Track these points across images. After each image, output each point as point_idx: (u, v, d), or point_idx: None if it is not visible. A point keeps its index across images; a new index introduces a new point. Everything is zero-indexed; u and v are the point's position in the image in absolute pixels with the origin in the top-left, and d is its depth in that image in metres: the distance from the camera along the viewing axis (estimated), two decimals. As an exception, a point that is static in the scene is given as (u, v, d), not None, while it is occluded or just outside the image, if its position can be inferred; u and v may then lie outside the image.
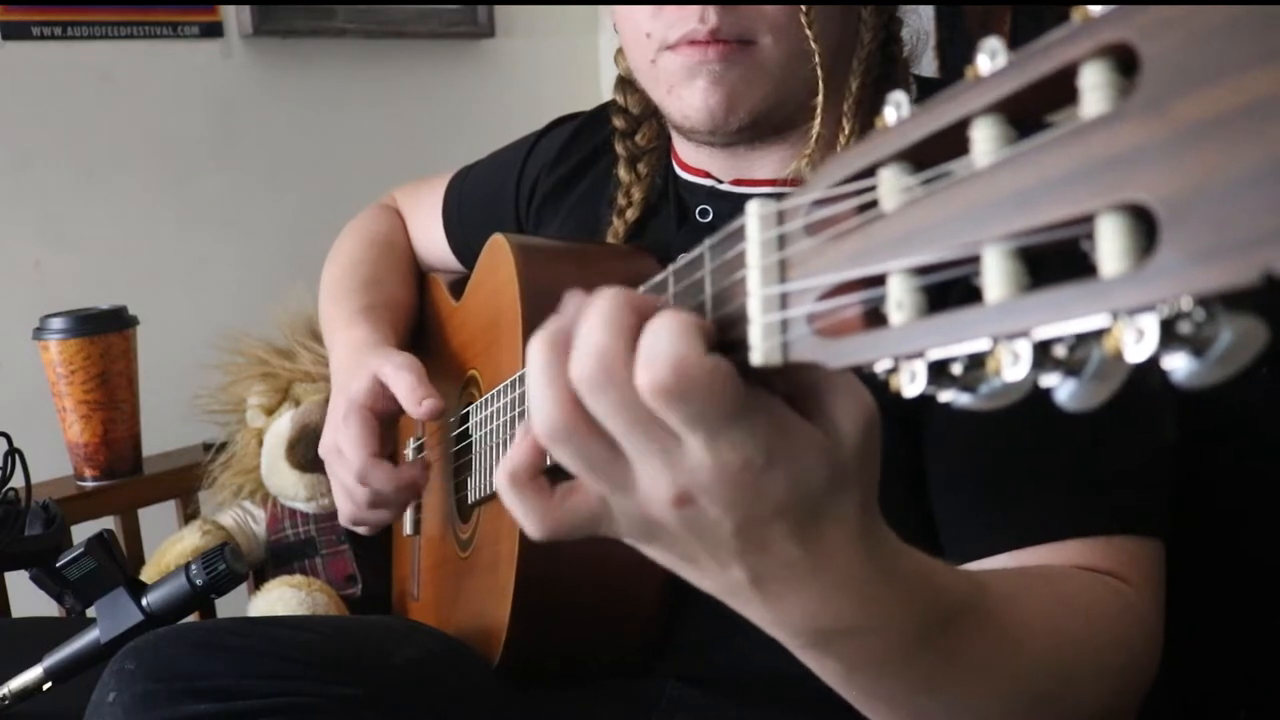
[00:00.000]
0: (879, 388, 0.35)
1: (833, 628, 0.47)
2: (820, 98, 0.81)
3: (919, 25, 0.93)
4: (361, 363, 0.99)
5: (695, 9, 0.79)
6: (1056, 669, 0.60)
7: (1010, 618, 0.57)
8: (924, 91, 0.87)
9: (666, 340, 0.39)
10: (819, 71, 0.80)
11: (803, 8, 0.79)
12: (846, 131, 0.84)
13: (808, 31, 0.79)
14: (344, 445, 0.93)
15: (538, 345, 0.44)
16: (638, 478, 0.43)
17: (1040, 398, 0.32)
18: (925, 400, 0.71)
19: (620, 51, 0.93)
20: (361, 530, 1.02)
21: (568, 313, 0.44)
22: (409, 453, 1.12)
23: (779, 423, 0.41)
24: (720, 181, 0.92)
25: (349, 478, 0.95)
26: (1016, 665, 0.57)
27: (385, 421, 0.96)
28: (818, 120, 0.81)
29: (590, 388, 0.41)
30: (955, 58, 1.77)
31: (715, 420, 0.40)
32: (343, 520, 1.01)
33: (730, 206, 0.90)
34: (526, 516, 0.47)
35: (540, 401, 0.43)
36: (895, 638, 0.49)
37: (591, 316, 0.42)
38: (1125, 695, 0.66)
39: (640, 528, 0.45)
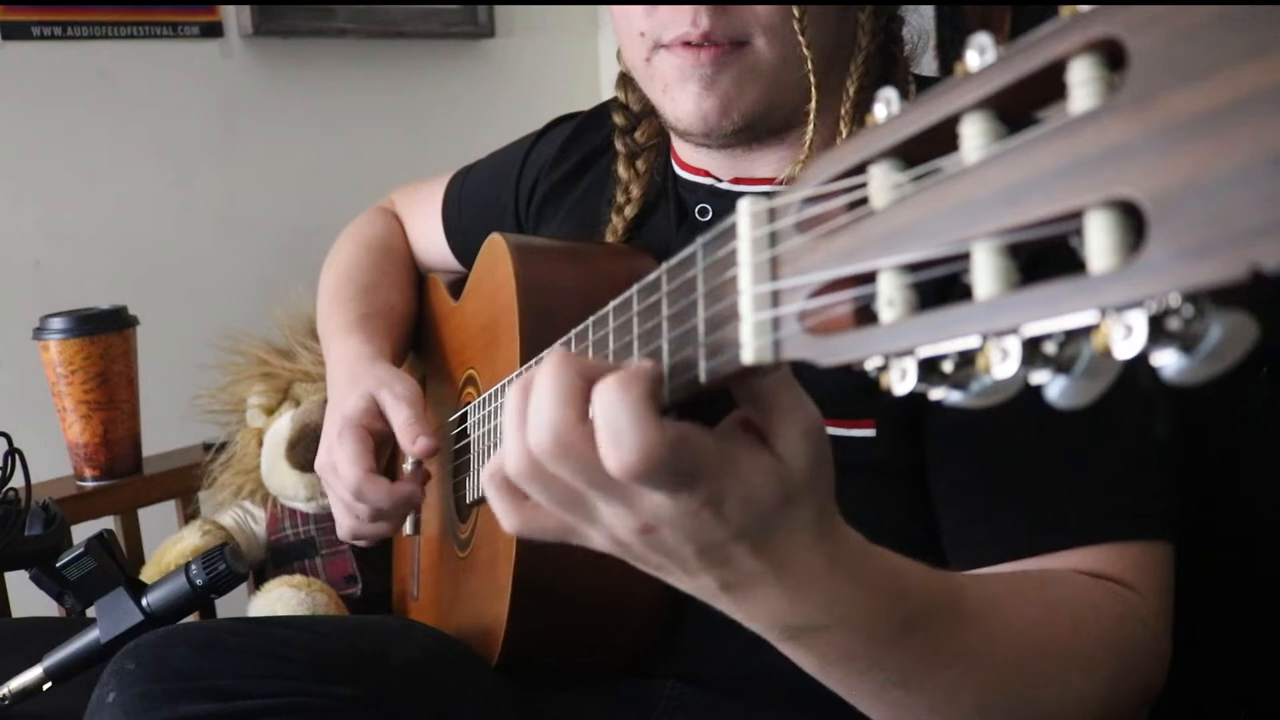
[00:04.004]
0: (884, 395, 0.35)
1: (802, 625, 0.50)
2: (814, 102, 0.81)
3: (919, 25, 0.92)
4: (358, 377, 0.98)
5: (688, 10, 0.79)
6: (1038, 672, 0.61)
7: (989, 622, 0.58)
8: (923, 91, 0.86)
9: (629, 423, 0.42)
10: (812, 76, 0.80)
11: (795, 11, 0.78)
12: (844, 135, 0.84)
13: (800, 36, 0.79)
14: (339, 462, 0.93)
15: (512, 393, 0.47)
16: (601, 514, 0.47)
17: (1041, 406, 0.32)
18: (928, 408, 0.72)
19: None
20: (360, 543, 1.02)
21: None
22: (408, 466, 1.12)
23: (730, 458, 0.44)
24: (720, 180, 0.91)
25: (346, 494, 0.95)
26: (993, 667, 0.58)
27: (380, 437, 0.96)
28: (811, 125, 0.81)
29: (547, 459, 0.45)
30: (955, 58, 1.77)
31: (675, 481, 0.43)
32: (341, 535, 1.00)
33: (730, 205, 0.89)
34: (503, 514, 0.51)
35: (509, 446, 0.47)
36: (863, 635, 0.51)
37: (540, 384, 0.45)
38: (1124, 700, 0.66)
39: (609, 546, 0.49)
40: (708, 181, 0.92)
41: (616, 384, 0.42)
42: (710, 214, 0.92)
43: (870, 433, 0.77)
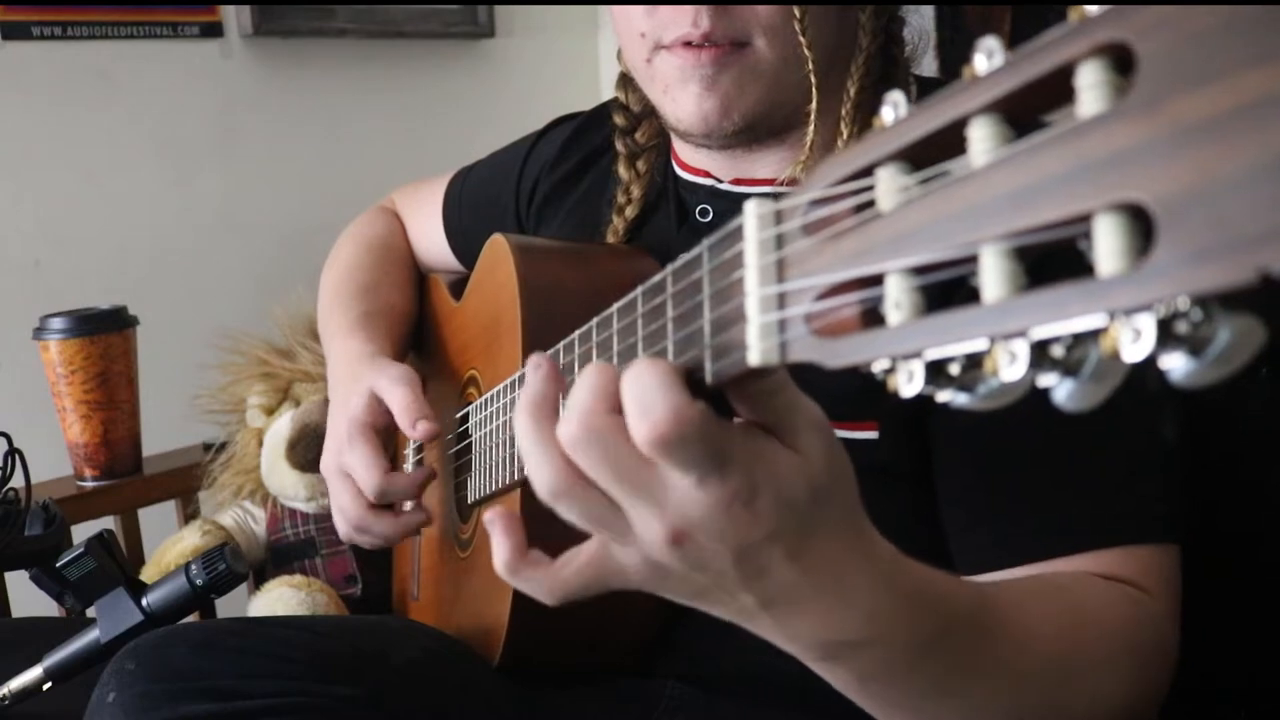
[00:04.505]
0: (887, 397, 0.35)
1: (840, 641, 0.49)
2: (814, 103, 0.81)
3: (919, 25, 0.92)
4: (358, 377, 0.98)
5: (689, 11, 0.79)
6: (1065, 676, 0.61)
7: (1018, 627, 0.58)
8: (924, 91, 0.86)
9: (658, 391, 0.42)
10: (813, 76, 0.80)
11: (796, 12, 0.78)
12: (845, 135, 0.84)
13: (801, 37, 0.79)
14: (355, 468, 0.92)
15: (522, 415, 0.47)
16: (633, 523, 0.46)
17: (1049, 411, 0.32)
18: (932, 410, 0.71)
19: None
20: (362, 543, 1.02)
21: (536, 380, 0.48)
22: (409, 453, 1.12)
23: (757, 451, 0.44)
24: (720, 181, 0.91)
25: (349, 498, 0.95)
26: (1025, 673, 0.58)
27: (386, 435, 0.96)
28: (811, 126, 0.81)
29: (574, 446, 0.44)
30: (955, 58, 1.77)
31: (705, 461, 0.42)
32: (341, 537, 1.00)
33: (730, 206, 0.90)
34: (536, 592, 0.50)
35: (535, 465, 0.47)
36: (900, 648, 0.51)
37: (579, 383, 0.45)
38: (1140, 700, 0.67)
39: (648, 574, 0.48)
40: (708, 182, 0.92)
41: (644, 360, 0.43)
42: (711, 215, 0.92)
43: (873, 435, 0.78)
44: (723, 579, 0.46)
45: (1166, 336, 0.27)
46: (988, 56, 0.31)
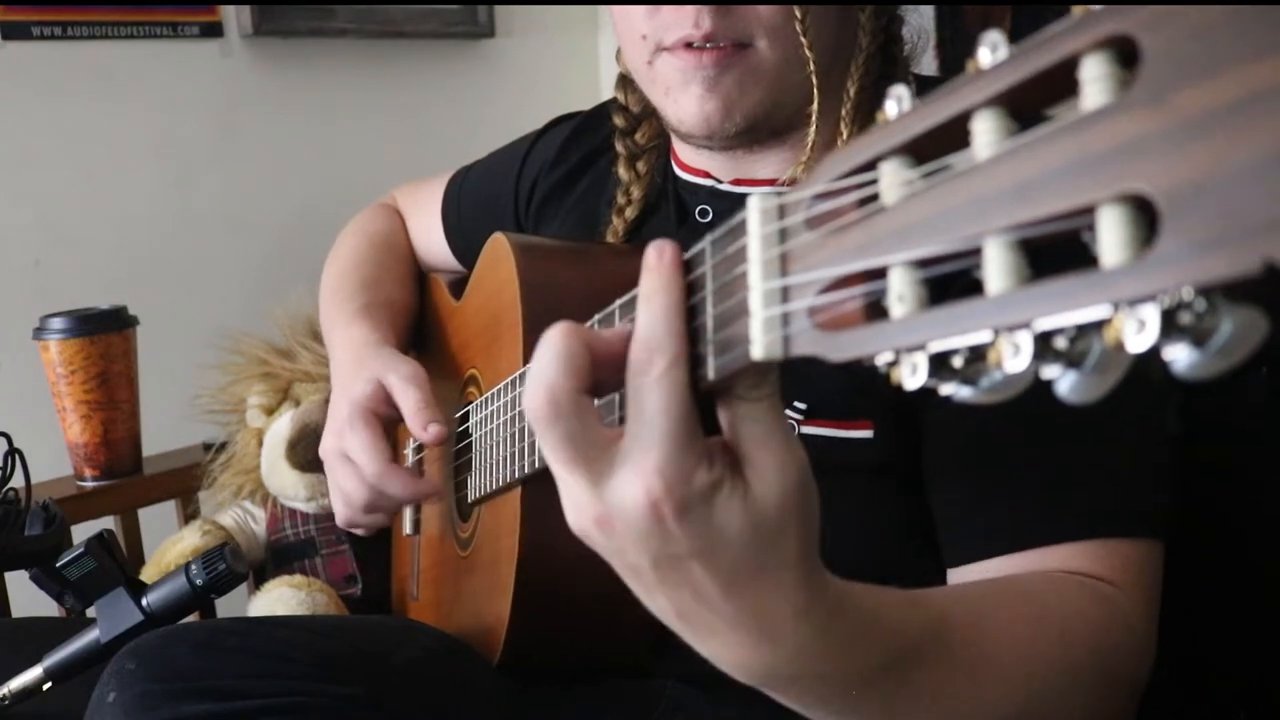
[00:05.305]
0: (882, 396, 0.35)
1: (769, 674, 0.49)
2: (816, 104, 0.81)
3: (919, 25, 0.92)
4: (363, 363, 0.98)
5: (690, 12, 0.79)
6: (1026, 690, 0.60)
7: (974, 647, 0.58)
8: (923, 90, 0.87)
9: (680, 451, 0.43)
10: (814, 77, 0.80)
11: (797, 13, 0.78)
12: (845, 135, 0.84)
13: (803, 38, 0.79)
14: (354, 451, 0.92)
15: (556, 327, 0.46)
16: (569, 489, 0.46)
17: (1037, 403, 0.32)
18: (925, 405, 0.70)
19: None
20: (358, 531, 1.02)
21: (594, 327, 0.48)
22: (409, 453, 1.12)
23: (711, 479, 0.43)
24: (720, 182, 0.92)
25: (352, 482, 0.94)
26: (981, 691, 0.57)
27: (387, 423, 0.95)
28: (813, 128, 0.81)
29: (536, 419, 0.44)
30: (955, 57, 1.78)
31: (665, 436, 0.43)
32: (339, 523, 1.00)
33: (730, 206, 0.90)
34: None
35: (531, 385, 0.45)
36: (838, 679, 0.50)
37: (545, 347, 0.44)
38: (1111, 702, 0.67)
39: (579, 531, 0.48)
40: (708, 183, 0.92)
41: (674, 400, 0.43)
42: (711, 215, 0.92)
43: (868, 434, 0.78)
44: (640, 575, 0.47)
45: (1170, 327, 0.27)
46: (992, 50, 0.31)
